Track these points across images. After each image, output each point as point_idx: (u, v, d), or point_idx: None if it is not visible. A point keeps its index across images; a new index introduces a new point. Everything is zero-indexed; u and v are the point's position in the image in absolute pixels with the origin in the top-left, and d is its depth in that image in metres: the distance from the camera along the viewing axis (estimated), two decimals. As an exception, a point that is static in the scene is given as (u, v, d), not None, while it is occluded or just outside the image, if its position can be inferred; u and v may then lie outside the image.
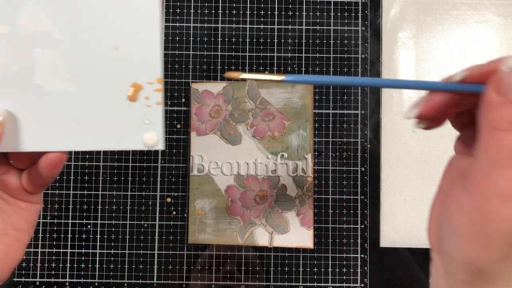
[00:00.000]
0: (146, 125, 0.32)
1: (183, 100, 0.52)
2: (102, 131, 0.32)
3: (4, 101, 0.32)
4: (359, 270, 0.51)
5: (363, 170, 0.52)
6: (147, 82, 0.32)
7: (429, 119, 0.26)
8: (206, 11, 0.53)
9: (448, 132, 0.55)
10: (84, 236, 0.51)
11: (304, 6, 0.53)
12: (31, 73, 0.32)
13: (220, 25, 0.53)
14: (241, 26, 0.53)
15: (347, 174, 0.52)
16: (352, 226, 0.51)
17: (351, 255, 0.51)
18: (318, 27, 0.53)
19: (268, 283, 0.51)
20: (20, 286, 0.50)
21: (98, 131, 0.32)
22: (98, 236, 0.51)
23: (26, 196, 0.33)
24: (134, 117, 0.32)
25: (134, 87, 0.32)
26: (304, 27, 0.53)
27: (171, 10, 0.52)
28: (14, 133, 0.32)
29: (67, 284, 0.50)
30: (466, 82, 0.24)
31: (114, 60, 0.32)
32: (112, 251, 0.51)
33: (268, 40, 0.52)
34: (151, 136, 0.32)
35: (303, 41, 0.52)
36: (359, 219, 0.51)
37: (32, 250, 0.51)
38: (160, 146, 0.32)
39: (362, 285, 0.51)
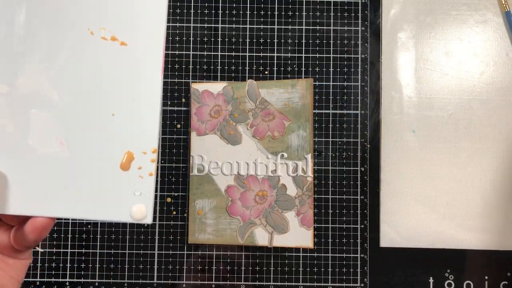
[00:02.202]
0: (136, 196, 0.31)
1: (183, 100, 0.52)
2: (91, 199, 0.31)
3: None
4: (359, 270, 0.51)
5: (363, 170, 0.52)
6: (142, 152, 0.31)
7: None
8: (206, 11, 0.53)
9: (448, 132, 0.55)
10: (84, 236, 0.51)
11: (304, 6, 0.53)
12: (25, 134, 0.31)
13: (220, 25, 0.53)
14: (241, 26, 0.53)
15: (347, 174, 0.52)
16: (352, 226, 0.51)
17: (351, 255, 0.51)
18: (318, 27, 0.53)
19: (268, 283, 0.51)
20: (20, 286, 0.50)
21: (87, 200, 0.31)
22: (98, 236, 0.51)
23: (15, 253, 0.32)
24: (124, 188, 0.31)
25: (127, 155, 0.31)
26: (304, 27, 0.53)
27: (171, 10, 0.52)
28: (2, 194, 0.30)
29: (67, 284, 0.50)
30: None
31: (109, 126, 0.31)
32: (112, 251, 0.51)
33: (268, 40, 0.52)
34: (139, 208, 0.31)
35: (303, 41, 0.52)
36: (359, 219, 0.51)
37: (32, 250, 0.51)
38: (148, 219, 0.31)
39: (362, 285, 0.51)
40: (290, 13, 0.53)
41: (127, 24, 0.31)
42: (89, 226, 0.51)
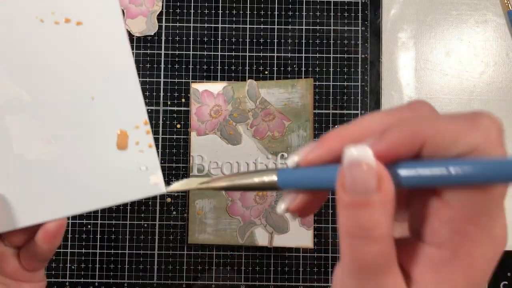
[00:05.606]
0: (143, 171, 0.29)
1: (183, 100, 0.52)
2: (97, 187, 0.29)
3: None
4: (359, 270, 0.51)
5: (363, 170, 0.52)
6: (134, 127, 0.29)
7: (298, 212, 0.23)
8: (206, 11, 0.53)
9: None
10: (84, 236, 0.51)
11: (304, 6, 0.53)
12: (8, 144, 0.28)
13: (220, 25, 0.52)
14: (241, 26, 0.52)
15: (347, 174, 0.51)
16: (352, 226, 0.51)
17: (351, 255, 0.51)
18: (318, 27, 0.53)
19: (268, 283, 0.51)
20: None
21: (94, 189, 0.29)
22: (98, 236, 0.51)
23: (28, 276, 0.30)
24: (128, 166, 0.29)
25: (120, 134, 0.29)
26: (304, 27, 0.53)
27: (171, 10, 0.52)
28: (5, 212, 0.28)
29: (67, 284, 0.50)
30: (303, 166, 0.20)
31: (93, 110, 0.29)
32: (112, 251, 0.51)
33: (268, 40, 0.52)
34: (153, 180, 0.29)
35: (303, 41, 0.52)
36: (359, 219, 0.51)
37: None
38: (162, 189, 0.29)
39: (362, 285, 0.51)
40: (290, 13, 0.53)
41: (77, 2, 0.29)
42: (89, 226, 0.51)
